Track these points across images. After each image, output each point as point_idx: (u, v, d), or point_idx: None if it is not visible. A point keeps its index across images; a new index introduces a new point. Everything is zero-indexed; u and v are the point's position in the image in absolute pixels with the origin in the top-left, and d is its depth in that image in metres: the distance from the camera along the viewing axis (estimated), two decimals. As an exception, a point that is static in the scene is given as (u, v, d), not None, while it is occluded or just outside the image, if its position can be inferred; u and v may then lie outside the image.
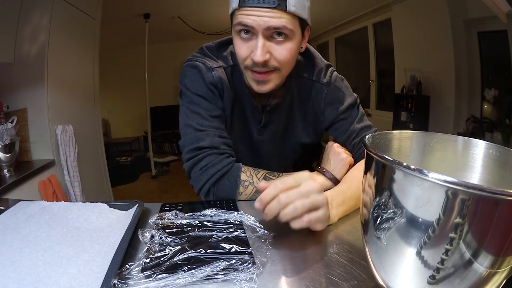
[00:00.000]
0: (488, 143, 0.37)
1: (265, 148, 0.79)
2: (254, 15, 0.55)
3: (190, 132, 0.67)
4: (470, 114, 2.49)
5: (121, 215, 0.56)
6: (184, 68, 0.71)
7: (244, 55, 0.61)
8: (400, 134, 0.42)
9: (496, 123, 2.30)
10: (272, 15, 0.55)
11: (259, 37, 0.57)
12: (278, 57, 0.60)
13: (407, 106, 2.95)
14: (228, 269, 0.40)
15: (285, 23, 0.56)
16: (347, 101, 0.75)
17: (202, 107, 0.67)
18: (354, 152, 0.74)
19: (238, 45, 0.61)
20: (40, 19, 1.56)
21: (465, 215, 0.25)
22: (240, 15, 0.57)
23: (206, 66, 0.68)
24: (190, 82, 0.68)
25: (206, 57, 0.71)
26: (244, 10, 0.56)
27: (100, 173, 2.25)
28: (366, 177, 0.35)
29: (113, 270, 0.38)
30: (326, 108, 0.75)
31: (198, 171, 0.65)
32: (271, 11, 0.55)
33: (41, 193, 1.45)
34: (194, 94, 0.68)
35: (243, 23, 0.57)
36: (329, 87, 0.75)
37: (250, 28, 0.57)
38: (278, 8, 0.55)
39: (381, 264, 0.33)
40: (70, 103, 1.85)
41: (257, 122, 0.76)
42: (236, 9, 0.57)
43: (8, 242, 0.46)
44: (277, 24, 0.56)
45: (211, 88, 0.68)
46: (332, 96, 0.75)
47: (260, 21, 0.55)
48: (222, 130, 0.69)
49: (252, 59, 0.59)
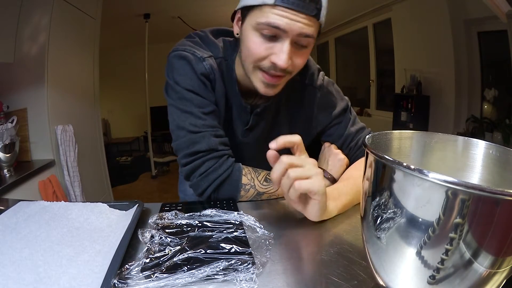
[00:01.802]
0: (488, 143, 0.37)
1: (248, 150, 0.75)
2: (289, 18, 0.52)
3: (183, 134, 0.63)
4: (470, 114, 2.49)
5: (121, 215, 0.56)
6: (171, 60, 0.64)
7: (262, 55, 0.56)
8: (400, 134, 0.42)
9: (496, 123, 2.30)
10: (307, 22, 0.53)
11: (287, 41, 0.54)
12: (296, 63, 0.58)
13: (407, 106, 2.95)
14: (227, 269, 0.40)
15: (313, 31, 0.55)
16: (339, 105, 0.75)
17: (194, 104, 0.62)
18: (350, 155, 0.74)
19: (256, 42, 0.56)
20: (40, 19, 1.56)
21: (465, 215, 0.25)
22: (271, 14, 0.52)
23: (196, 56, 0.63)
24: (179, 76, 0.63)
25: (196, 46, 0.65)
26: (280, 9, 0.51)
27: (100, 173, 2.25)
28: (366, 177, 0.35)
29: (113, 270, 0.38)
30: (319, 113, 0.74)
31: (198, 177, 0.63)
32: (307, 17, 0.52)
33: (41, 193, 1.45)
34: (184, 89, 0.62)
35: (275, 24, 0.52)
36: (322, 91, 0.73)
37: (282, 31, 0.53)
38: (314, 16, 0.53)
39: (381, 264, 0.33)
40: (70, 103, 1.85)
41: (243, 123, 0.71)
42: (269, 5, 0.52)
43: (8, 242, 0.46)
44: (308, 32, 0.54)
45: (202, 80, 0.63)
46: (324, 100, 0.74)
47: (294, 26, 0.52)
48: (217, 128, 0.65)
49: (272, 62, 0.56)
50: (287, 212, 0.62)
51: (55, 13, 1.60)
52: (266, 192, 0.66)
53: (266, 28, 0.54)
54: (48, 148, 1.62)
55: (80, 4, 1.86)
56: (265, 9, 0.53)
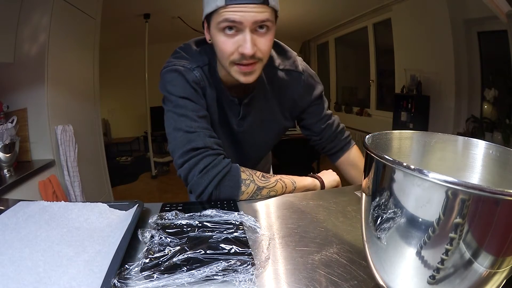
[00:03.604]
0: (488, 143, 0.37)
1: (246, 138, 0.82)
2: (242, 11, 0.58)
3: (180, 135, 0.66)
4: (470, 114, 2.49)
5: (121, 215, 0.56)
6: (164, 75, 0.71)
7: (231, 50, 0.62)
8: (400, 134, 0.42)
9: (496, 123, 2.30)
10: (258, 10, 0.59)
11: (246, 31, 0.60)
12: (262, 48, 0.63)
13: (407, 106, 2.94)
14: (227, 270, 0.40)
15: (268, 16, 0.60)
16: (318, 88, 0.84)
17: (188, 109, 0.67)
18: (326, 131, 0.86)
19: (223, 41, 0.62)
20: (40, 19, 1.56)
21: (465, 215, 0.25)
22: (225, 12, 0.59)
23: (186, 67, 0.69)
24: (173, 87, 0.68)
25: (183, 60, 0.71)
26: (231, 7, 0.58)
27: (100, 173, 2.25)
28: (366, 177, 0.35)
29: (113, 270, 0.38)
30: (304, 94, 0.82)
31: (198, 175, 0.64)
32: (256, 6, 0.58)
33: (41, 193, 1.45)
34: (178, 97, 0.68)
35: (231, 19, 0.59)
36: (304, 75, 0.81)
37: (238, 23, 0.59)
38: (263, 3, 0.59)
39: (381, 264, 0.33)
40: (70, 103, 1.85)
41: (235, 115, 0.77)
42: (221, 6, 0.59)
43: (8, 242, 0.46)
44: (262, 18, 0.59)
45: (194, 87, 0.69)
46: (307, 82, 0.81)
47: (247, 16, 0.58)
48: (211, 130, 0.69)
49: (241, 53, 0.61)
50: (287, 213, 0.62)
51: (55, 13, 1.60)
52: (266, 186, 0.69)
53: (225, 25, 0.60)
54: (48, 148, 1.62)
55: (80, 4, 1.86)
56: (220, 11, 0.60)
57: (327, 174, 0.83)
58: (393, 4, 3.08)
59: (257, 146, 0.86)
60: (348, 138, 0.89)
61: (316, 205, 0.65)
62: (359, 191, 0.72)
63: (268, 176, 0.71)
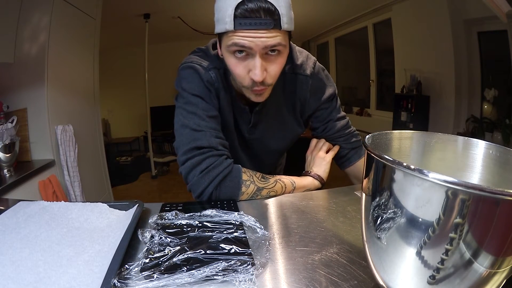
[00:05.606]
0: (488, 143, 0.37)
1: (258, 145, 0.82)
2: (251, 37, 0.56)
3: (186, 132, 0.66)
4: (470, 114, 2.49)
5: (121, 215, 0.56)
6: (180, 71, 0.71)
7: (242, 74, 0.62)
8: (400, 134, 0.42)
9: (496, 123, 2.30)
10: (269, 35, 0.56)
11: (256, 57, 0.58)
12: (272, 74, 0.62)
13: (407, 106, 2.95)
14: (227, 270, 0.40)
15: (279, 40, 0.58)
16: (328, 91, 0.80)
17: (199, 107, 0.67)
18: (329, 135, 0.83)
19: (234, 64, 0.61)
20: (40, 19, 1.55)
21: (465, 215, 0.25)
22: (234, 37, 0.57)
23: (202, 66, 0.69)
24: (187, 83, 0.68)
25: (202, 59, 0.71)
26: (240, 32, 0.56)
27: (100, 173, 2.25)
28: (366, 177, 0.35)
29: (113, 270, 0.38)
30: (311, 97, 0.79)
31: (198, 175, 0.64)
32: (267, 31, 0.56)
33: (41, 193, 1.45)
34: (191, 94, 0.68)
35: (240, 44, 0.57)
36: (313, 78, 0.78)
37: (248, 49, 0.58)
38: (274, 28, 0.56)
39: (381, 264, 0.33)
40: (70, 103, 1.84)
41: (246, 123, 0.77)
42: (231, 30, 0.57)
43: (8, 242, 0.46)
44: (273, 43, 0.57)
45: (208, 87, 0.68)
46: (315, 86, 0.79)
47: (258, 41, 0.56)
48: (219, 131, 0.69)
49: (252, 79, 0.61)
50: (287, 213, 0.62)
51: (55, 13, 1.60)
52: (265, 187, 0.69)
53: (235, 49, 0.59)
54: (48, 148, 1.62)
55: (80, 4, 1.86)
56: (229, 34, 0.58)
57: (318, 166, 0.79)
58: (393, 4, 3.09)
59: (269, 153, 0.86)
60: (356, 147, 0.83)
61: (316, 205, 0.65)
62: (359, 191, 0.72)
63: (268, 177, 0.71)
